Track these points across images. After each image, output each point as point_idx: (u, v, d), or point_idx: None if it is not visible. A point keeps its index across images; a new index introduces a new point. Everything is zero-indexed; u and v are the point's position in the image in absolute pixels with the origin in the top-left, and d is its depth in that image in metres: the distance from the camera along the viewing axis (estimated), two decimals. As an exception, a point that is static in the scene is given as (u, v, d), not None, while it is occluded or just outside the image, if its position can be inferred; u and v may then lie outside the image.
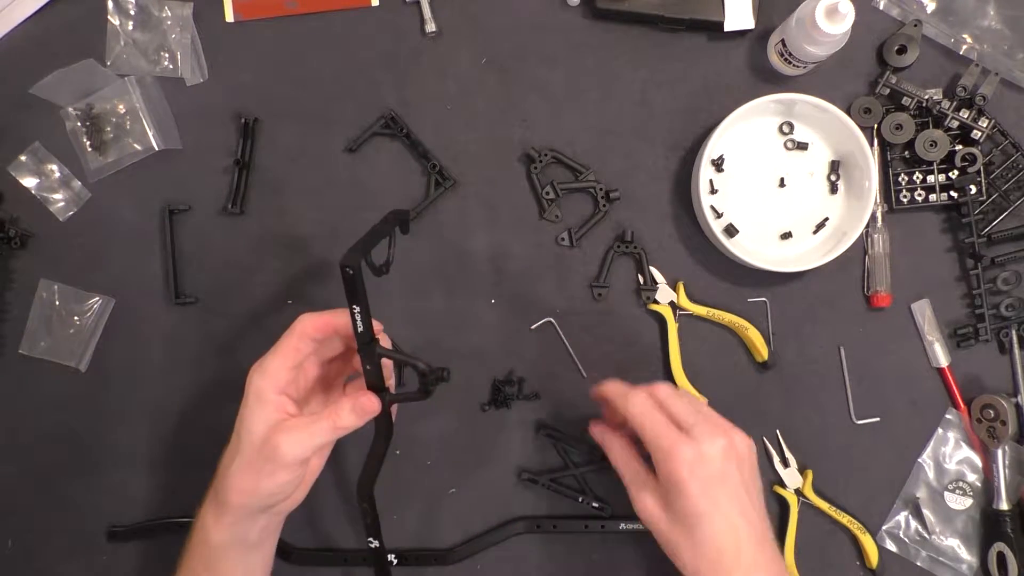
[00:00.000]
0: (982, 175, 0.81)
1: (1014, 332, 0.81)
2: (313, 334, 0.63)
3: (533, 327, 0.83)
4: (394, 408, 0.67)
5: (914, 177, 0.81)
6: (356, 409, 0.60)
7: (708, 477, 0.57)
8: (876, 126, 0.81)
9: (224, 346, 0.83)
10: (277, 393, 0.62)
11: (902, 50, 0.81)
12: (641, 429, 0.61)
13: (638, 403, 0.62)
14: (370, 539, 0.73)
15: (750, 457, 0.63)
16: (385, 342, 0.64)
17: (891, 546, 0.82)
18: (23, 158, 0.83)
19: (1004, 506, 0.80)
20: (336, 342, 0.68)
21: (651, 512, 0.61)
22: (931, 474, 0.83)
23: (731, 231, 0.80)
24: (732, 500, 0.58)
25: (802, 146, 0.82)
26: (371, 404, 0.61)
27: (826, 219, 0.82)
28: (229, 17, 0.84)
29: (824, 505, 0.81)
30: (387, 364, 0.64)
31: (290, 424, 0.61)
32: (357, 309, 0.59)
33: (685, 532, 0.58)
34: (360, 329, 0.60)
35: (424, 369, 0.59)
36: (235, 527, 0.64)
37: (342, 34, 0.84)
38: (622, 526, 0.81)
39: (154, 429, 0.84)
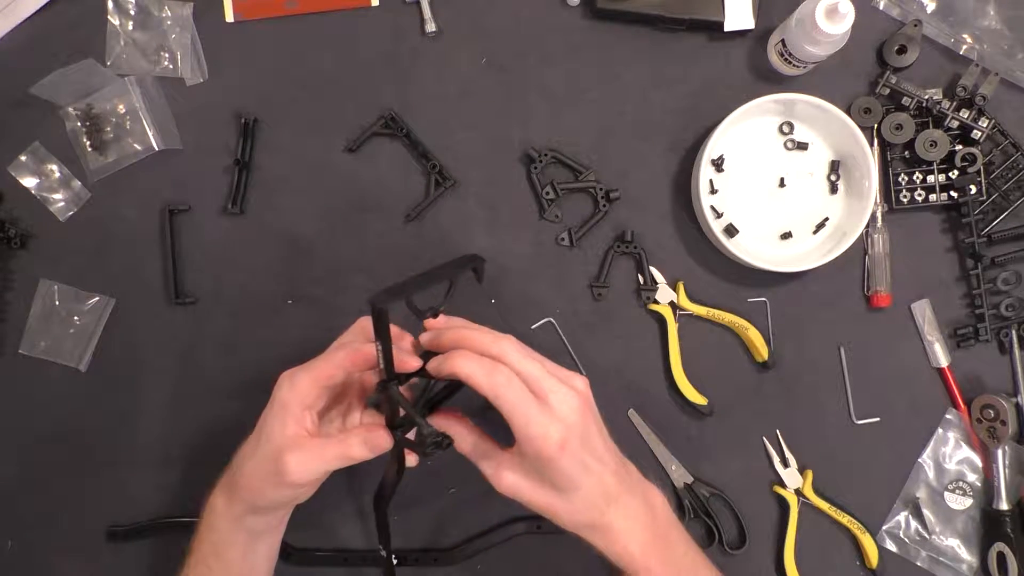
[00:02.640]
0: (982, 175, 0.81)
1: (1014, 332, 0.81)
2: (351, 369, 0.62)
3: (533, 327, 0.83)
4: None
5: (914, 177, 0.81)
6: (368, 443, 0.61)
7: (575, 447, 0.59)
8: (876, 126, 0.81)
9: (224, 346, 0.83)
10: (301, 409, 0.61)
11: (902, 50, 0.81)
12: (501, 404, 0.58)
13: (502, 380, 0.58)
14: (381, 548, 0.74)
15: (591, 398, 0.63)
16: (405, 342, 0.64)
17: (891, 546, 0.82)
18: (23, 158, 0.83)
19: (1004, 506, 0.80)
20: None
21: (514, 487, 0.61)
22: (931, 474, 0.83)
23: (731, 231, 0.80)
24: (595, 457, 0.60)
25: (802, 146, 0.82)
26: (382, 441, 0.61)
27: (826, 219, 0.82)
28: (229, 17, 0.84)
29: (824, 505, 0.81)
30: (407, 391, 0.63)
31: (304, 444, 0.60)
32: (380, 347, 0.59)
33: (557, 495, 0.60)
34: (381, 366, 0.59)
35: (423, 433, 0.58)
36: (242, 516, 0.65)
37: (342, 34, 0.84)
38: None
39: (153, 429, 0.84)
